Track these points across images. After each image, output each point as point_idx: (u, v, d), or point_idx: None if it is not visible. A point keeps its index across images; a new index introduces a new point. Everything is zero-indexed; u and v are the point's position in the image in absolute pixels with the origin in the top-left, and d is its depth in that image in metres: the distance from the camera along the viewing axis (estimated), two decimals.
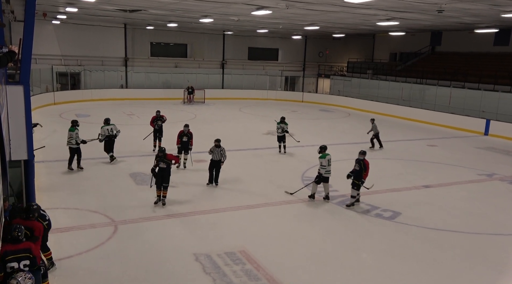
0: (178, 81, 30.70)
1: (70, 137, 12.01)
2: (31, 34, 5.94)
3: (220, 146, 10.97)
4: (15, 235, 5.11)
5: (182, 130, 12.39)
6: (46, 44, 26.23)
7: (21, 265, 5.05)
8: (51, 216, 8.77)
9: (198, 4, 16.02)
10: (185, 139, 12.30)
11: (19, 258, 5.06)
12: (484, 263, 7.64)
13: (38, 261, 5.26)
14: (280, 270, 7.05)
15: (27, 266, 5.09)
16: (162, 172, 9.52)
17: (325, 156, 10.23)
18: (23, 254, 5.09)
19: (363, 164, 9.88)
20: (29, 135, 6.15)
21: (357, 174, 9.91)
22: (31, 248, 5.18)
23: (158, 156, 9.54)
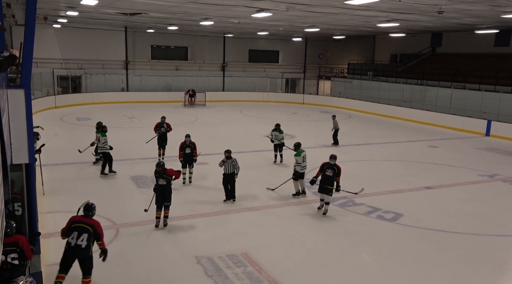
0: (179, 84, 30.74)
1: (104, 142, 11.99)
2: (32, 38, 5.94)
3: (231, 157, 10.03)
4: (10, 231, 5.15)
5: (183, 142, 11.31)
6: (47, 48, 26.30)
7: (8, 258, 5.05)
8: (52, 220, 8.82)
9: (199, 7, 16.05)
10: (188, 151, 11.25)
11: (6, 251, 5.06)
12: (486, 264, 7.62)
13: (27, 254, 5.21)
14: (281, 272, 7.04)
15: (16, 259, 5.08)
16: (162, 189, 8.53)
17: (300, 153, 10.73)
18: (10, 248, 5.08)
19: (337, 168, 9.46)
20: (30, 139, 6.15)
21: (329, 179, 9.43)
22: (18, 241, 5.15)
23: (157, 172, 8.53)
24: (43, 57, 25.75)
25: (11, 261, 5.07)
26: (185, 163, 11.33)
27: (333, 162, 9.45)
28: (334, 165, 9.42)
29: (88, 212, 6.14)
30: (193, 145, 11.38)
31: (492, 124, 20.45)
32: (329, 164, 9.48)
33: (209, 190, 11.08)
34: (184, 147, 11.29)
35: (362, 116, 26.23)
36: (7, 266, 5.07)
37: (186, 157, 11.27)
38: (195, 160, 11.47)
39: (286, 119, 23.94)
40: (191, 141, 11.37)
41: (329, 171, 9.40)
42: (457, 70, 25.30)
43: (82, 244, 5.90)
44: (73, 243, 5.93)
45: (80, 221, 6.00)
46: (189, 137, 11.37)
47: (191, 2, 14.95)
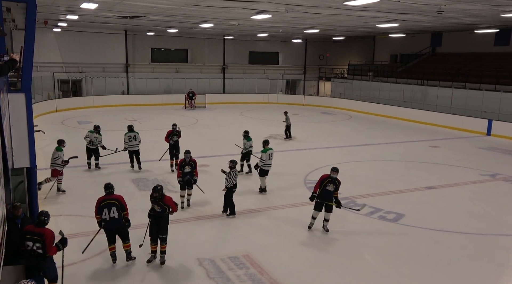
0: (179, 86, 30.78)
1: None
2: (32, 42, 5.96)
3: (235, 167, 9.43)
4: (42, 219, 5.77)
5: (183, 159, 9.77)
6: (48, 52, 26.35)
7: (34, 246, 5.64)
8: (54, 223, 8.81)
9: (198, 9, 16.08)
10: (188, 169, 9.69)
11: (34, 239, 5.64)
12: (489, 264, 7.60)
13: (47, 249, 5.66)
14: (284, 274, 7.03)
15: (40, 249, 5.63)
16: (157, 218, 7.17)
17: (266, 151, 10.99)
18: (36, 237, 5.63)
19: (338, 182, 8.51)
20: (31, 143, 6.16)
21: (330, 195, 8.49)
22: (44, 234, 5.65)
23: (153, 197, 7.16)
24: (44, 61, 25.80)
25: (36, 249, 5.62)
26: (184, 184, 9.75)
27: (334, 176, 8.46)
28: (335, 179, 8.46)
29: (109, 190, 7.25)
30: (194, 163, 9.78)
31: (493, 123, 20.43)
32: (330, 177, 8.48)
33: (210, 191, 11.07)
34: (183, 164, 9.69)
35: (363, 117, 26.23)
36: (34, 253, 5.64)
37: (185, 176, 9.70)
38: (195, 180, 9.83)
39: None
40: (191, 158, 9.76)
41: (331, 185, 8.43)
42: (458, 70, 25.29)
43: (115, 216, 7.04)
44: (107, 218, 7.04)
45: (106, 199, 7.10)
46: (189, 154, 9.77)
47: (191, 5, 14.98)
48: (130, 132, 12.81)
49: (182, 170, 9.68)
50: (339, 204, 8.54)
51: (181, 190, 9.86)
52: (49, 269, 5.82)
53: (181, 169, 9.70)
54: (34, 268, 5.72)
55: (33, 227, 5.70)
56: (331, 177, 8.48)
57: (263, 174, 11.09)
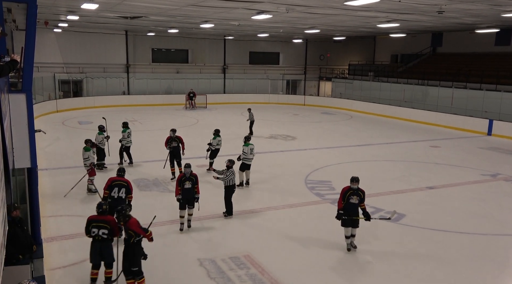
0: (180, 87, 30.79)
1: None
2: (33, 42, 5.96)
3: (232, 167, 9.33)
4: (104, 208, 6.53)
5: (182, 174, 8.68)
6: (48, 52, 26.38)
7: (100, 232, 6.39)
8: (55, 223, 8.82)
9: (199, 9, 16.08)
10: (188, 185, 8.52)
11: (99, 226, 6.40)
12: (490, 264, 7.59)
13: (115, 232, 6.47)
14: (284, 274, 7.02)
15: (105, 234, 6.38)
16: (126, 247, 6.20)
17: (248, 145, 11.38)
18: (103, 224, 6.40)
19: (362, 193, 7.74)
20: (32, 143, 6.16)
21: (356, 208, 7.73)
22: (110, 221, 6.47)
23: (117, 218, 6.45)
24: (44, 61, 25.84)
25: (101, 234, 6.38)
26: (184, 203, 8.62)
27: (356, 186, 7.69)
28: (358, 190, 7.69)
29: (121, 173, 8.34)
30: (195, 178, 8.64)
31: (494, 123, 20.41)
32: (351, 189, 7.72)
33: (210, 191, 11.06)
34: (182, 180, 8.54)
35: (363, 117, 26.22)
36: (98, 238, 6.39)
37: (186, 193, 8.52)
38: (197, 198, 8.65)
39: (287, 121, 23.96)
40: (192, 172, 8.65)
41: (355, 197, 7.65)
42: (458, 69, 25.28)
43: (122, 196, 8.02)
44: (116, 196, 8.03)
45: (118, 180, 8.17)
46: (190, 168, 8.62)
47: (191, 5, 14.98)
48: (128, 128, 13.32)
49: (181, 186, 8.48)
50: (368, 216, 7.73)
51: (180, 209, 8.62)
52: (109, 254, 6.49)
53: (180, 185, 8.49)
54: (97, 252, 6.43)
55: (97, 216, 6.49)
56: (352, 188, 7.69)
57: (244, 168, 11.42)
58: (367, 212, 7.75)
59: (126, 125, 13.47)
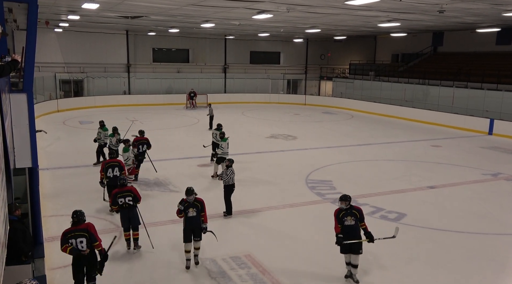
0: (181, 86, 30.80)
1: None
2: (33, 42, 5.97)
3: (231, 166, 9.32)
4: (122, 182, 7.84)
5: (184, 200, 7.18)
6: (49, 52, 26.39)
7: (126, 200, 7.64)
8: (56, 223, 8.83)
9: (199, 9, 16.08)
10: (193, 213, 7.10)
11: (125, 195, 7.67)
12: (491, 263, 7.59)
13: (139, 198, 7.78)
14: (285, 273, 7.03)
15: (131, 201, 7.66)
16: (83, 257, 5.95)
17: (225, 140, 11.96)
18: (127, 193, 7.67)
19: (357, 212, 6.71)
20: (33, 143, 6.17)
21: (354, 231, 6.67)
22: (131, 189, 7.77)
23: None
24: (45, 61, 25.85)
25: (127, 201, 7.66)
26: (189, 234, 7.14)
27: (344, 206, 6.67)
28: (351, 209, 6.70)
29: (113, 155, 9.76)
30: (201, 204, 7.25)
31: (495, 123, 20.39)
32: (342, 210, 6.70)
33: (211, 191, 11.07)
34: (186, 206, 7.13)
35: (364, 117, 26.21)
36: (126, 205, 7.65)
37: (190, 223, 7.10)
38: (205, 228, 7.23)
39: (288, 120, 23.96)
40: (197, 198, 7.27)
41: (349, 218, 6.64)
42: (459, 69, 25.25)
43: (117, 174, 9.23)
44: (111, 175, 9.31)
45: (111, 161, 9.49)
46: (193, 194, 7.18)
47: (192, 5, 14.98)
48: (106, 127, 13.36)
49: (185, 214, 7.13)
50: (371, 237, 6.67)
51: (185, 242, 7.13)
52: (136, 217, 7.73)
53: (183, 212, 7.15)
54: (127, 218, 7.68)
55: (119, 189, 7.73)
56: (342, 208, 6.70)
57: (220, 161, 11.78)
58: (369, 232, 6.67)
59: (104, 124, 13.53)
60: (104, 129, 13.26)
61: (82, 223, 5.98)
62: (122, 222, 7.77)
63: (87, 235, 5.87)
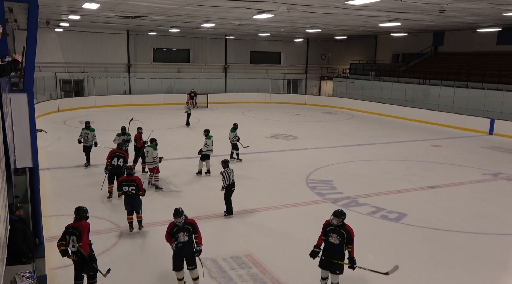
0: (181, 86, 30.80)
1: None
2: (34, 42, 5.97)
3: (227, 166, 9.39)
4: (129, 171, 8.62)
5: (172, 223, 6.29)
6: (50, 52, 26.42)
7: (130, 188, 8.35)
8: (57, 223, 8.84)
9: (200, 9, 16.08)
10: (184, 238, 6.21)
11: (128, 184, 8.36)
12: (491, 263, 7.58)
13: (141, 188, 8.40)
14: (285, 273, 7.03)
15: (134, 190, 8.35)
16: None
17: (210, 137, 12.32)
18: (130, 183, 8.35)
19: (345, 232, 6.01)
20: (33, 143, 6.17)
21: (336, 250, 6.07)
22: (136, 180, 8.42)
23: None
24: (46, 61, 25.87)
25: (131, 190, 8.35)
26: (180, 262, 6.35)
27: (335, 222, 6.05)
28: (340, 227, 6.05)
29: (121, 146, 10.86)
30: (192, 226, 6.30)
31: (495, 122, 20.39)
32: (331, 224, 6.10)
33: (212, 191, 11.07)
34: (175, 231, 6.23)
35: (365, 116, 26.20)
36: (129, 193, 8.37)
37: (182, 249, 6.24)
38: (198, 251, 6.34)
39: (288, 120, 23.96)
40: (187, 219, 6.31)
41: (334, 236, 6.03)
42: (460, 69, 25.23)
43: (120, 164, 10.21)
44: (115, 164, 10.28)
45: (117, 152, 10.47)
46: (182, 216, 6.21)
47: (192, 5, 14.99)
48: None
49: (175, 238, 6.22)
50: (352, 263, 6.05)
51: (175, 271, 6.37)
52: (138, 204, 8.50)
53: (172, 236, 6.24)
54: (129, 204, 8.45)
55: (125, 177, 8.47)
56: (332, 224, 6.08)
57: (205, 158, 12.26)
58: (352, 258, 6.02)
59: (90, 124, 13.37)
60: (91, 130, 13.06)
61: (81, 220, 6.03)
62: (125, 206, 8.53)
63: (77, 234, 5.91)
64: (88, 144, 13.09)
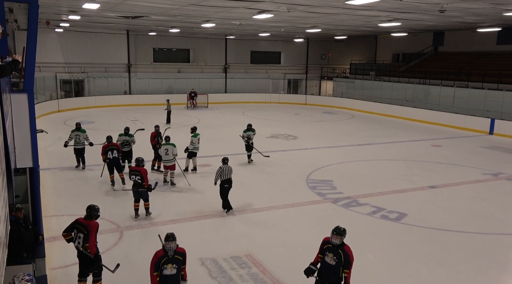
0: (181, 86, 30.81)
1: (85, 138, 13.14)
2: (34, 42, 5.97)
3: (225, 163, 9.60)
4: (137, 163, 9.22)
5: (161, 252, 5.40)
6: (50, 52, 26.42)
7: (136, 178, 9.01)
8: (57, 223, 8.84)
9: (200, 9, 16.09)
10: (171, 270, 5.34)
11: (134, 174, 9.05)
12: (492, 263, 7.58)
13: (146, 180, 9.00)
14: (286, 273, 7.03)
15: (139, 179, 8.98)
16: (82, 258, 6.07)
17: (196, 135, 12.50)
18: (135, 173, 9.04)
19: (343, 253, 5.42)
20: (34, 143, 6.17)
21: (331, 271, 5.47)
22: (141, 171, 9.01)
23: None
24: (46, 61, 25.86)
25: (137, 180, 9.00)
26: None
27: (336, 241, 5.45)
28: (338, 247, 5.46)
29: (110, 140, 11.33)
30: (183, 256, 5.46)
31: (496, 122, 20.38)
32: (330, 243, 5.50)
33: (212, 191, 11.06)
34: (162, 262, 5.34)
35: (365, 116, 26.20)
36: (136, 182, 9.04)
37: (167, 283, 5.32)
38: None
39: (289, 120, 23.97)
40: (178, 248, 5.47)
41: (330, 256, 5.45)
42: (460, 69, 25.23)
43: (116, 156, 11.07)
44: (111, 157, 11.03)
45: (109, 145, 11.14)
46: (174, 240, 5.37)
47: (192, 5, 14.99)
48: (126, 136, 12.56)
49: (160, 272, 5.32)
50: None
51: None
52: (145, 193, 9.13)
53: (157, 270, 5.33)
54: (137, 193, 9.12)
55: (133, 167, 9.20)
56: (332, 243, 5.47)
57: (191, 155, 12.60)
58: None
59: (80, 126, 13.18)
60: (82, 131, 12.81)
61: (92, 219, 6.11)
62: (133, 194, 9.23)
63: (85, 233, 5.94)
64: (80, 145, 12.77)
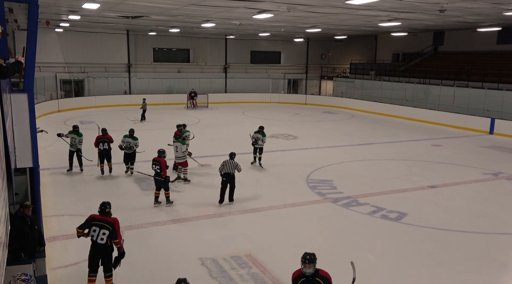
0: (181, 86, 30.81)
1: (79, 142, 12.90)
2: (34, 42, 5.97)
3: (231, 158, 10.08)
4: (159, 154, 9.76)
5: None
6: (50, 52, 26.41)
7: (155, 167, 9.61)
8: (57, 223, 8.84)
9: (200, 9, 16.08)
10: None
11: (156, 164, 9.61)
12: (492, 263, 7.58)
13: (165, 173, 9.52)
14: (286, 273, 6.99)
15: (159, 169, 9.57)
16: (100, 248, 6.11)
17: (185, 132, 12.64)
18: (157, 163, 9.60)
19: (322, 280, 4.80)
20: (34, 143, 6.18)
21: None
22: (160, 161, 9.55)
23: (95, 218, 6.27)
24: (46, 61, 25.85)
25: (156, 169, 9.61)
26: None
27: (311, 270, 4.71)
28: (315, 276, 4.74)
29: (105, 132, 12.19)
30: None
31: (496, 122, 20.38)
32: (304, 275, 4.73)
33: (212, 191, 11.06)
34: None
35: (365, 116, 26.20)
36: (156, 171, 9.61)
37: None
38: None
39: (289, 120, 23.97)
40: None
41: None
42: (460, 68, 25.22)
43: (107, 148, 12.00)
44: (102, 148, 11.98)
45: (102, 137, 12.01)
46: None
47: (192, 5, 14.99)
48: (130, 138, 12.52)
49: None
50: None
51: None
52: (164, 183, 9.64)
53: None
54: (157, 181, 9.71)
55: (156, 157, 9.66)
56: (305, 275, 4.70)
57: None
58: None
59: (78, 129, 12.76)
60: (79, 134, 12.48)
61: (109, 215, 6.23)
62: (154, 183, 9.86)
63: (111, 229, 6.09)
64: (73, 148, 12.53)
